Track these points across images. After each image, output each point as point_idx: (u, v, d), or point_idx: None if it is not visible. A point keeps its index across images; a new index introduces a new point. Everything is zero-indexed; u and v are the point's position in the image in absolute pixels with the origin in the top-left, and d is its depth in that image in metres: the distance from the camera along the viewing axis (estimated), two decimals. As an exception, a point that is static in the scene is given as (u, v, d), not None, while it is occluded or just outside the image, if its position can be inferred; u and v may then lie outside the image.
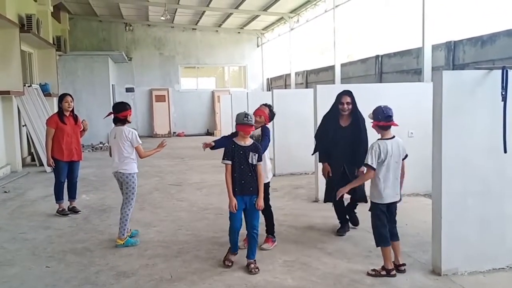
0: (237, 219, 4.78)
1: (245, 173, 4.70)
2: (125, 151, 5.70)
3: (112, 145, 5.84)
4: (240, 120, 4.66)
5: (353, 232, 6.08)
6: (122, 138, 5.67)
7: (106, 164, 13.35)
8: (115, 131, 5.74)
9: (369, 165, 4.50)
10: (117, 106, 5.84)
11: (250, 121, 4.67)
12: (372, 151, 4.48)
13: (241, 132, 4.72)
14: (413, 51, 10.48)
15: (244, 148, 4.72)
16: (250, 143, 4.76)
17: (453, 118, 4.43)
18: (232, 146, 4.74)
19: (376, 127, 4.58)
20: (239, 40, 23.58)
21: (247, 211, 4.81)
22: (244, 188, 4.71)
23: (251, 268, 4.72)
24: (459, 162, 4.48)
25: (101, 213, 7.50)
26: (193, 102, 23.20)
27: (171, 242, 5.89)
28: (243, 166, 4.69)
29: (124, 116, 5.73)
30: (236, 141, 4.76)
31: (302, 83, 17.94)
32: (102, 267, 5.05)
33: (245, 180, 4.70)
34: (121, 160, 5.73)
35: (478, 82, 4.46)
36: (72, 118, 7.30)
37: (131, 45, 22.42)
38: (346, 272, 4.73)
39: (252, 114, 4.97)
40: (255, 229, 4.80)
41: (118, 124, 5.75)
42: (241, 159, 4.69)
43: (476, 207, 4.55)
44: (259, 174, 4.76)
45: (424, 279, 4.52)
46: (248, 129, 4.67)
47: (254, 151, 4.71)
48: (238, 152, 4.71)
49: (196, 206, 7.79)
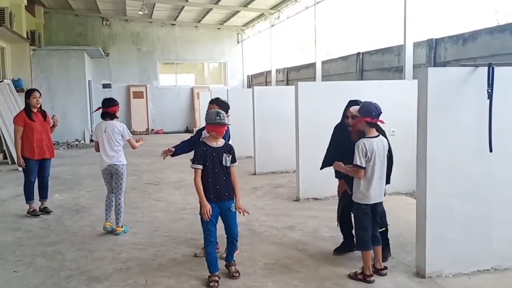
0: (213, 229, 4.37)
1: (219, 177, 4.33)
2: (118, 144, 6.03)
3: (101, 140, 6.03)
4: (212, 120, 4.30)
5: (334, 233, 5.92)
6: (115, 131, 6.01)
7: (82, 162, 13.06)
8: (104, 125, 6.03)
9: (358, 166, 4.34)
10: (106, 102, 6.13)
11: (223, 119, 4.30)
12: (359, 150, 4.32)
13: (213, 133, 4.34)
14: (394, 48, 10.41)
15: (217, 149, 4.35)
16: (222, 144, 4.40)
17: (438, 117, 4.31)
18: (203, 148, 4.33)
19: (363, 124, 4.39)
20: (219, 36, 23.30)
21: (225, 220, 4.45)
22: (220, 194, 4.33)
23: (232, 271, 4.49)
24: (444, 162, 4.36)
25: (74, 213, 7.21)
26: (172, 99, 22.86)
27: (147, 244, 5.66)
28: (216, 169, 4.32)
29: (113, 111, 6.08)
30: (207, 143, 4.38)
31: (283, 80, 17.80)
32: (73, 272, 4.80)
33: (220, 184, 4.33)
34: (115, 153, 6.02)
35: (463, 80, 4.35)
36: (40, 114, 6.99)
37: (108, 40, 21.95)
38: (329, 275, 4.58)
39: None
40: (236, 238, 4.50)
41: (107, 118, 6.07)
42: (214, 162, 4.32)
43: (462, 208, 4.44)
44: (234, 176, 4.42)
45: (408, 281, 4.39)
46: (220, 129, 4.31)
47: (228, 152, 4.38)
48: (211, 155, 4.32)
49: (173, 206, 7.57)
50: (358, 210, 4.46)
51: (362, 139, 4.38)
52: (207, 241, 4.40)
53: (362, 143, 4.33)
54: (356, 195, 4.47)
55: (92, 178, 10.36)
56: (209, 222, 4.32)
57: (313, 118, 7.62)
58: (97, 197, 8.32)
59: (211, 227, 4.36)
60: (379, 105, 4.54)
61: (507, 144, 4.45)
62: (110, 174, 6.08)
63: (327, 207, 7.28)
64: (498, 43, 7.41)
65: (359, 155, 4.31)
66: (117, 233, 6.01)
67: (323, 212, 6.97)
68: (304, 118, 7.64)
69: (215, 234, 4.41)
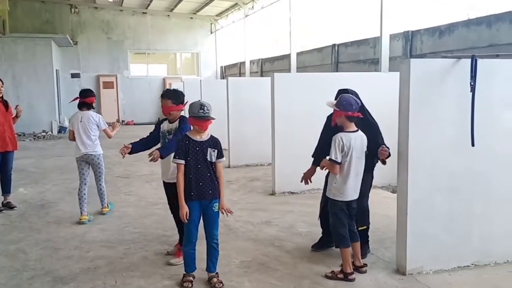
0: (194, 230, 4.07)
1: (203, 173, 3.99)
2: (93, 134, 6.13)
3: (77, 129, 6.12)
4: (195, 113, 3.94)
5: (311, 228, 5.79)
6: (90, 121, 6.13)
7: (49, 154, 12.59)
8: (80, 115, 6.15)
9: (333, 160, 4.16)
10: (84, 92, 6.29)
11: (207, 113, 3.94)
12: (335, 144, 4.13)
13: (196, 127, 4.02)
14: (370, 40, 10.32)
15: (201, 143, 4.02)
16: (207, 138, 4.06)
17: (420, 110, 4.17)
18: (186, 142, 4.01)
19: (343, 118, 4.21)
20: (192, 26, 22.89)
21: (205, 218, 4.10)
22: (203, 192, 4.00)
23: (214, 283, 4.12)
24: (425, 156, 4.23)
25: (40, 209, 6.86)
26: (143, 90, 22.37)
27: (117, 241, 5.39)
28: (200, 165, 3.99)
29: (90, 101, 6.23)
30: (190, 136, 4.05)
31: (257, 72, 17.59)
32: (37, 272, 4.50)
33: (204, 181, 4.00)
34: (90, 142, 6.13)
35: (446, 72, 4.22)
36: (2, 104, 6.61)
37: (77, 28, 21.28)
38: (307, 273, 4.42)
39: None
40: (216, 239, 4.13)
41: (83, 108, 6.20)
42: (197, 156, 3.99)
43: (443, 203, 4.33)
44: (220, 173, 4.09)
45: (389, 279, 4.27)
46: (204, 123, 3.96)
47: (213, 147, 4.03)
48: (194, 149, 3.99)
49: (144, 201, 7.30)
50: (335, 206, 4.29)
51: (340, 133, 4.20)
52: (186, 241, 4.14)
53: (339, 137, 4.15)
54: (331, 191, 4.29)
55: (58, 171, 9.98)
56: (191, 223, 4.04)
57: (289, 110, 7.46)
58: (63, 191, 7.99)
59: (192, 227, 4.07)
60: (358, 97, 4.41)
61: (489, 139, 4.35)
62: (85, 162, 6.20)
63: (303, 201, 7.16)
64: (475, 35, 7.37)
65: (335, 149, 4.12)
66: (105, 213, 6.38)
67: (299, 206, 6.83)
68: (280, 110, 7.46)
69: (196, 235, 4.12)
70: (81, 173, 6.22)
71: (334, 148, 4.13)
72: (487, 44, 7.10)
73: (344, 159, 4.15)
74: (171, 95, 4.62)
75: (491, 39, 7.04)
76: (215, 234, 4.15)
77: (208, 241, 4.16)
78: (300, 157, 7.45)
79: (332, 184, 4.24)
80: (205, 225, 4.15)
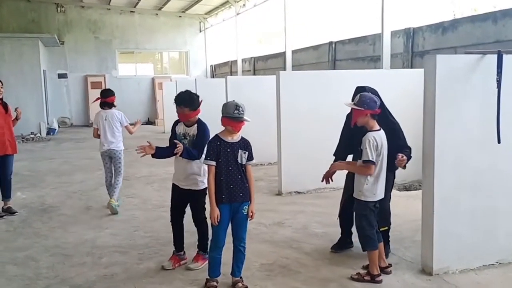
0: (222, 234, 3.93)
1: (234, 175, 3.87)
2: (117, 131, 6.59)
3: (102, 127, 6.56)
4: (229, 113, 3.82)
5: (326, 229, 5.70)
6: (114, 119, 6.58)
7: (40, 157, 12.27)
8: (104, 114, 6.59)
9: (370, 161, 4.03)
10: (105, 92, 6.74)
11: (242, 114, 3.81)
12: (370, 144, 4.00)
13: (229, 127, 3.88)
14: (369, 37, 10.27)
15: (232, 145, 3.89)
16: (238, 139, 3.93)
17: (445, 107, 4.09)
18: (217, 142, 3.88)
19: (368, 117, 4.10)
20: (181, 25, 22.65)
21: (234, 221, 3.97)
22: (234, 195, 3.87)
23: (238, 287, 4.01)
24: (451, 154, 4.16)
25: (42, 213, 6.65)
26: (132, 90, 22.05)
27: (129, 246, 5.22)
28: (231, 167, 3.86)
29: (111, 100, 6.65)
30: (221, 137, 3.91)
31: (250, 70, 17.44)
32: (52, 281, 4.32)
33: (234, 184, 3.87)
34: (113, 139, 6.57)
35: (471, 68, 4.15)
36: (1, 106, 6.39)
37: (64, 27, 20.89)
38: (332, 276, 4.32)
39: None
40: (243, 242, 4.00)
41: (105, 107, 6.62)
42: (228, 158, 3.86)
43: (468, 201, 4.27)
44: (250, 175, 3.97)
45: (416, 280, 4.19)
46: (238, 124, 3.84)
47: (244, 149, 3.91)
48: (225, 150, 3.86)
49: (149, 204, 7.12)
50: (366, 208, 4.16)
51: (370, 133, 4.08)
52: (214, 246, 4.01)
53: (372, 137, 4.04)
54: (363, 193, 4.15)
55: (54, 174, 9.73)
56: (220, 226, 3.90)
57: (295, 108, 7.35)
58: (63, 195, 7.78)
59: (221, 231, 3.94)
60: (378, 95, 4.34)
61: (514, 135, 4.30)
62: (108, 157, 6.64)
63: (312, 201, 7.07)
64: (479, 32, 7.35)
65: (370, 150, 3.99)
66: (111, 204, 6.48)
67: (309, 206, 6.73)
68: (285, 109, 7.35)
69: (224, 239, 3.98)
70: (105, 167, 6.75)
71: (369, 148, 4.01)
72: (493, 40, 7.09)
73: (377, 159, 4.05)
74: (187, 103, 4.31)
75: (497, 35, 7.02)
76: (243, 238, 4.03)
77: (236, 244, 4.04)
78: (307, 156, 7.42)
79: (363, 186, 4.11)
80: (233, 228, 4.02)
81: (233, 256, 4.08)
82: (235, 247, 4.06)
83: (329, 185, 7.79)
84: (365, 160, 4.02)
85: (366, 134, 4.07)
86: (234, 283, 4.07)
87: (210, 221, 3.95)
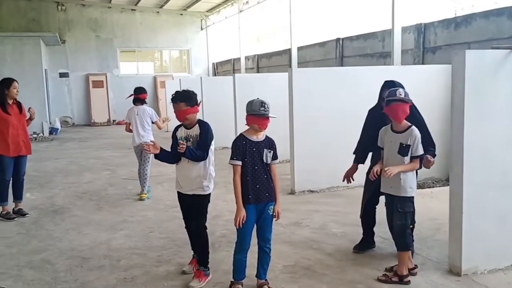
0: (248, 236, 3.85)
1: (260, 175, 3.78)
2: (147, 125, 7.14)
3: (134, 122, 7.16)
4: (255, 110, 3.71)
5: (345, 228, 5.60)
6: (145, 114, 7.14)
7: (45, 157, 12.13)
8: (136, 110, 7.20)
9: (422, 155, 4.00)
10: (138, 90, 7.38)
11: (268, 111, 3.71)
12: (419, 138, 3.95)
13: (256, 125, 3.78)
14: (378, 33, 10.16)
15: (258, 144, 3.80)
16: (263, 138, 3.84)
17: (474, 104, 4.00)
18: (243, 142, 3.79)
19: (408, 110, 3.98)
20: (182, 23, 22.49)
21: (259, 222, 3.88)
22: (260, 195, 3.79)
23: None
24: (480, 152, 4.07)
25: (54, 215, 6.54)
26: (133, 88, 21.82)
27: (146, 248, 5.12)
28: (257, 166, 3.77)
29: (143, 97, 7.25)
30: (246, 136, 3.82)
31: (253, 68, 17.31)
32: (71, 285, 4.22)
33: (260, 184, 3.78)
34: (144, 133, 7.11)
35: (499, 64, 4.06)
36: (16, 106, 6.28)
37: (64, 26, 20.71)
38: (358, 277, 4.22)
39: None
40: (269, 243, 3.93)
41: (138, 104, 7.24)
42: (254, 157, 3.77)
43: (496, 200, 4.18)
44: (275, 175, 3.88)
45: (445, 280, 4.09)
46: (265, 121, 3.74)
47: (269, 148, 3.83)
48: (251, 150, 3.77)
49: (161, 204, 7.00)
50: (410, 203, 4.08)
51: (414, 127, 4.00)
52: (239, 248, 3.90)
53: (417, 131, 3.97)
54: (413, 189, 4.06)
55: (61, 175, 9.62)
56: (246, 228, 3.81)
57: (308, 106, 7.25)
58: (73, 196, 7.67)
59: (247, 233, 3.85)
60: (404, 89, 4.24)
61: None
62: (140, 151, 7.10)
63: (326, 200, 6.98)
64: (494, 27, 7.25)
65: (420, 143, 3.95)
66: (142, 199, 7.12)
67: (324, 205, 6.64)
68: (298, 107, 7.25)
69: (250, 241, 3.88)
70: (139, 159, 7.32)
71: (419, 142, 3.95)
72: (508, 35, 6.98)
73: None
74: (182, 97, 4.12)
75: (513, 31, 6.93)
76: (268, 239, 3.94)
77: (261, 245, 3.94)
78: (320, 154, 7.33)
79: (406, 182, 4.00)
80: (259, 229, 3.93)
81: (258, 258, 3.99)
82: (260, 249, 3.96)
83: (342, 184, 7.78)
84: (418, 155, 3.95)
85: (410, 129, 3.97)
86: (259, 285, 3.97)
87: (235, 223, 3.84)
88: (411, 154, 3.95)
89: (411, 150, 3.94)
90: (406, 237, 4.11)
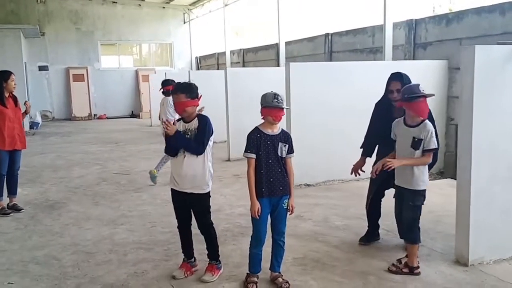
0: (264, 229, 3.86)
1: (274, 168, 3.78)
2: (169, 115, 7.69)
3: (161, 112, 8.29)
4: (268, 102, 3.73)
5: (347, 221, 5.67)
6: (168, 104, 7.80)
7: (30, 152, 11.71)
8: (163, 100, 8.22)
9: (436, 149, 4.03)
10: (164, 82, 8.25)
11: (281, 102, 3.74)
12: (433, 131, 4.00)
13: (270, 118, 3.78)
14: (368, 29, 10.24)
15: (273, 137, 3.80)
16: (278, 131, 3.85)
17: (482, 98, 4.10)
18: (257, 135, 3.79)
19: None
20: (164, 16, 22.23)
21: (273, 215, 3.90)
22: (274, 188, 3.79)
23: (279, 283, 3.92)
24: (487, 146, 4.17)
25: (50, 210, 6.43)
26: (115, 82, 21.57)
27: (151, 242, 5.09)
28: (271, 160, 3.77)
29: (167, 89, 7.87)
30: (261, 129, 3.82)
31: (239, 62, 17.24)
32: (81, 280, 4.17)
33: (274, 177, 3.78)
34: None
35: (507, 58, 4.16)
36: (12, 99, 6.15)
37: (44, 18, 20.23)
38: (368, 269, 4.28)
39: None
40: (283, 236, 3.95)
41: (165, 95, 8.07)
42: (268, 151, 3.77)
43: (501, 193, 4.30)
44: (290, 169, 3.89)
45: (453, 271, 4.19)
46: (279, 113, 3.76)
47: (284, 141, 3.83)
48: (265, 143, 3.77)
49: (159, 198, 6.94)
50: (421, 197, 4.12)
51: (427, 120, 4.04)
52: (254, 242, 3.91)
53: (430, 125, 4.02)
54: (425, 182, 4.10)
55: (50, 169, 9.45)
56: (261, 221, 3.81)
57: (305, 101, 7.28)
58: (65, 191, 7.56)
59: (262, 226, 3.85)
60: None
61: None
62: None
63: (323, 193, 7.05)
64: (486, 23, 7.39)
65: (434, 137, 3.99)
66: (151, 172, 7.81)
67: (322, 199, 6.70)
68: (295, 101, 7.25)
69: (265, 234, 3.89)
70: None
71: (434, 135, 3.99)
72: (500, 31, 7.13)
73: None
74: (183, 88, 4.02)
75: (505, 27, 7.06)
76: (283, 232, 3.96)
77: (275, 238, 3.97)
78: (317, 148, 7.38)
79: (419, 175, 4.06)
80: (273, 222, 3.95)
81: (272, 251, 4.02)
82: (274, 242, 3.99)
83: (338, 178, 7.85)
84: (431, 148, 3.98)
85: (424, 123, 4.01)
86: (273, 278, 4.00)
87: (251, 215, 3.86)
88: (423, 147, 4.01)
89: (423, 144, 4.00)
90: (415, 231, 4.18)
